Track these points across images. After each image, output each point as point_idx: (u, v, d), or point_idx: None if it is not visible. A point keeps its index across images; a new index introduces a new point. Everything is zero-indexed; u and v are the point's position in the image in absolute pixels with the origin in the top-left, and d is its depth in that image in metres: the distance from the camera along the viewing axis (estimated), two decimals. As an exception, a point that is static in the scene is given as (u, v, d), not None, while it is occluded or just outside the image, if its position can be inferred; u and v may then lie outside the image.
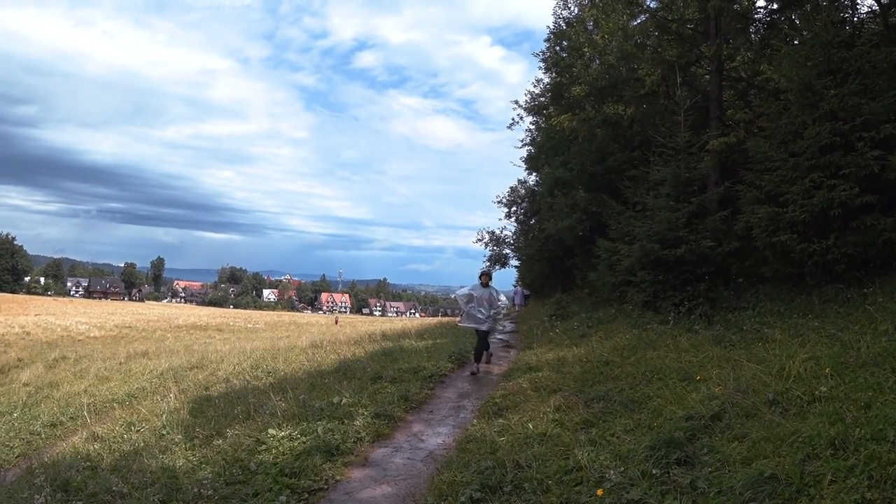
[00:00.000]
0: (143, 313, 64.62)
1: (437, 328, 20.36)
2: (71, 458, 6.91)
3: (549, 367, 9.61)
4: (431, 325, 23.98)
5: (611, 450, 5.09)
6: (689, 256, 11.71)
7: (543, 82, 23.85)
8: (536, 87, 24.70)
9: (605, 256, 15.15)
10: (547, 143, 23.80)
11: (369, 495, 5.16)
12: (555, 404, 6.98)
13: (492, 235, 32.73)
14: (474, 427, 6.81)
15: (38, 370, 18.55)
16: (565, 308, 19.29)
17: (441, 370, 10.28)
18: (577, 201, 19.41)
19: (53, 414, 10.35)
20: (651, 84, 15.79)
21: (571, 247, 21.62)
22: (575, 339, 12.44)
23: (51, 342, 33.62)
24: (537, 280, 33.02)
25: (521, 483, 4.76)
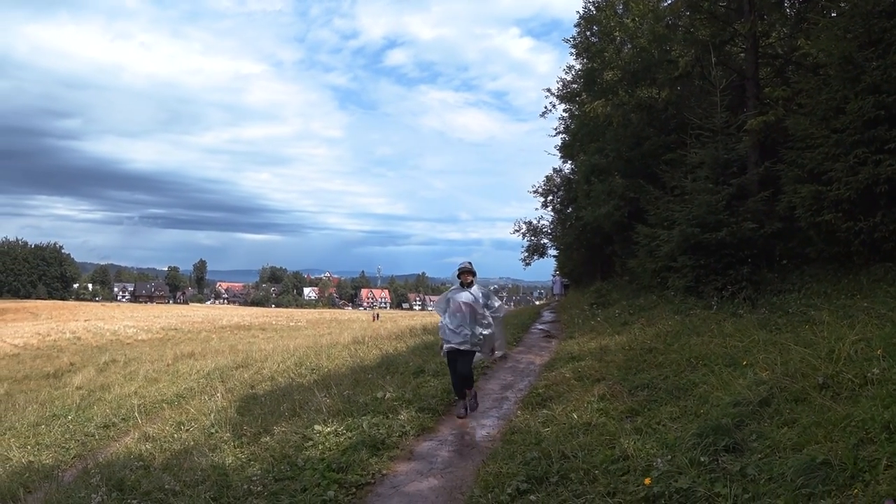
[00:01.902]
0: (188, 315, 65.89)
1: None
2: (124, 458, 7.09)
3: (592, 356, 9.56)
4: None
5: (657, 438, 5.05)
6: (730, 239, 11.52)
7: (575, 69, 23.61)
8: (568, 74, 24.47)
9: (644, 242, 14.97)
10: (581, 130, 23.55)
11: (416, 488, 5.20)
12: (599, 393, 6.95)
13: (529, 225, 32.55)
14: (518, 418, 6.82)
15: (89, 374, 19.04)
16: (606, 296, 19.14)
17: (483, 362, 10.28)
18: (614, 188, 19.21)
19: (106, 416, 10.60)
20: (685, 65, 15.52)
21: (610, 234, 21.43)
22: (616, 326, 12.34)
23: (100, 346, 34.51)
24: (576, 269, 32.80)
25: (567, 473, 4.75)
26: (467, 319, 7.47)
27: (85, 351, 31.79)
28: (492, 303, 7.74)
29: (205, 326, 47.22)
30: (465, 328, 7.45)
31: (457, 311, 7.53)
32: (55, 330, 47.58)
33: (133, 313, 75.79)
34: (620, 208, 19.00)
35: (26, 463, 8.20)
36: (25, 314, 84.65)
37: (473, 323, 7.50)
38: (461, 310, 7.50)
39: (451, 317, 7.61)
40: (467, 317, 7.47)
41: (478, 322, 7.53)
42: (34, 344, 38.86)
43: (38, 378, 21.49)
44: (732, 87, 14.23)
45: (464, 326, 7.46)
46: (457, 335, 7.47)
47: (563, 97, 25.08)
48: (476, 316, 7.52)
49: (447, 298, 7.75)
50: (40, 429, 10.72)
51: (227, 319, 55.49)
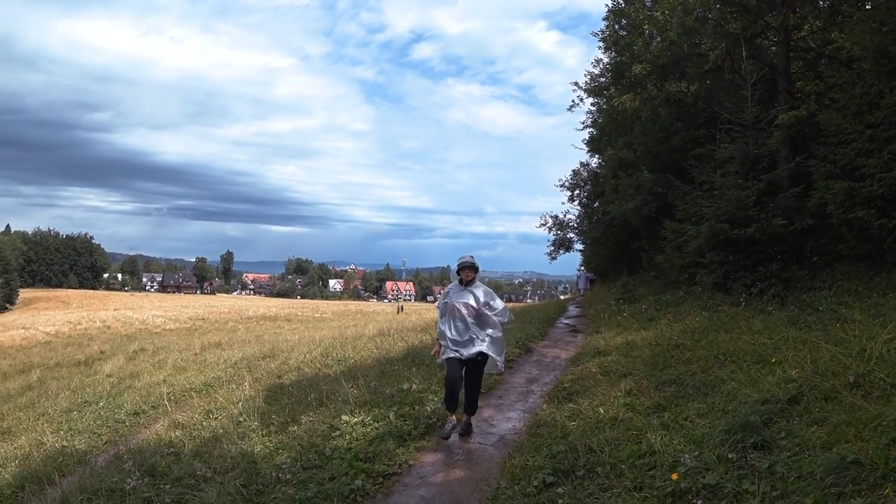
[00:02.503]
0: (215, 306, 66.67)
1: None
2: (155, 444, 7.21)
3: (618, 351, 9.53)
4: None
5: (684, 434, 5.04)
6: (760, 236, 11.40)
7: (603, 62, 23.42)
8: (596, 68, 24.27)
9: (672, 238, 14.85)
10: (609, 125, 23.39)
11: (442, 479, 5.26)
12: (625, 388, 6.93)
13: (555, 220, 32.32)
14: (544, 412, 6.83)
15: (119, 362, 19.35)
16: (632, 291, 19.05)
17: (509, 356, 10.29)
18: (642, 182, 19.07)
19: (136, 403, 10.75)
20: (715, 59, 15.33)
21: (637, 229, 21.28)
22: (643, 322, 12.27)
23: (130, 335, 35.04)
24: (602, 264, 32.65)
25: (593, 467, 4.77)
26: (470, 324, 6.51)
27: (115, 339, 32.31)
28: (494, 303, 6.69)
29: (231, 317, 47.72)
30: (469, 334, 6.50)
31: (456, 316, 6.55)
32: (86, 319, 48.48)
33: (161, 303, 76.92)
34: (648, 203, 18.86)
35: (60, 448, 8.37)
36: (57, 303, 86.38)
37: (478, 327, 6.56)
38: (462, 315, 6.53)
39: (450, 323, 6.59)
40: (469, 321, 6.52)
41: (485, 324, 6.60)
42: (66, 332, 39.62)
43: (70, 365, 21.89)
44: (763, 82, 14.04)
45: (468, 333, 6.51)
46: (461, 345, 6.48)
47: (590, 91, 24.88)
48: (481, 318, 6.58)
49: (444, 302, 6.75)
50: (73, 415, 10.92)
51: (253, 310, 56.02)
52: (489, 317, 6.59)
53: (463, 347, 6.48)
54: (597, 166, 29.71)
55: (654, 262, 18.15)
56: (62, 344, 31.81)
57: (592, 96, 25.30)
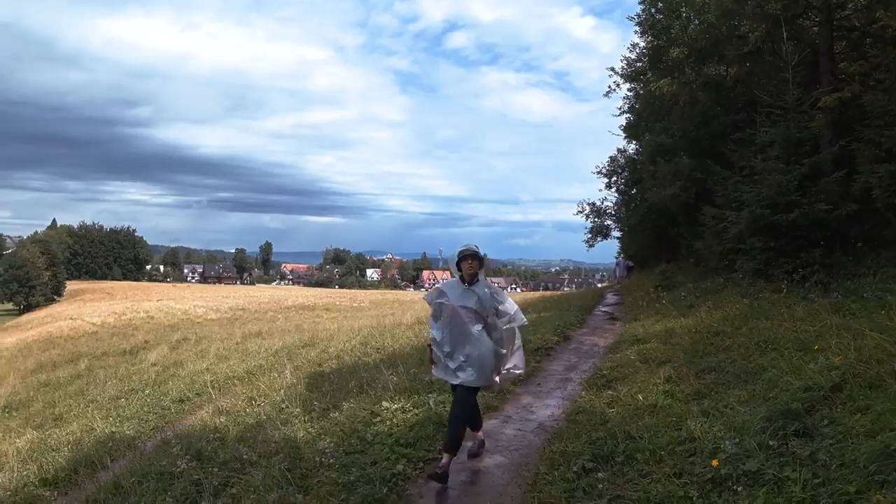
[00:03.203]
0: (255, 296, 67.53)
1: (539, 302, 20.39)
2: (200, 430, 7.40)
3: (657, 339, 9.48)
4: (534, 299, 24.00)
5: (724, 421, 5.03)
6: (802, 221, 11.20)
7: (639, 47, 23.09)
8: (632, 52, 23.94)
9: (711, 224, 14.66)
10: (646, 110, 23.11)
11: (482, 465, 5.33)
12: (664, 376, 6.92)
13: (592, 207, 31.99)
14: (583, 399, 6.86)
15: (163, 351, 19.72)
16: (671, 278, 18.87)
17: (547, 343, 10.34)
18: (681, 168, 18.81)
19: (180, 390, 10.95)
20: (754, 41, 15.04)
21: (675, 215, 21.01)
22: (682, 309, 12.16)
23: (172, 325, 35.69)
24: (640, 251, 32.31)
25: (632, 454, 4.79)
26: (473, 337, 5.10)
27: (158, 329, 32.94)
28: (505, 306, 5.33)
29: (271, 307, 48.30)
30: (468, 350, 5.11)
31: (454, 321, 5.17)
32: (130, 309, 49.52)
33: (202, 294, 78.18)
34: (687, 189, 18.60)
35: (109, 433, 8.60)
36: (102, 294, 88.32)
37: (480, 340, 5.13)
38: (461, 319, 5.13)
39: (445, 330, 5.25)
40: (473, 333, 5.10)
41: (490, 336, 5.22)
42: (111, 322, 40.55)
43: (116, 354, 22.37)
44: (805, 63, 13.72)
45: (467, 348, 5.11)
46: (455, 361, 5.17)
47: (627, 76, 24.57)
48: (487, 327, 5.22)
49: (439, 303, 5.30)
50: (120, 402, 11.19)
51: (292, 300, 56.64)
52: (495, 328, 5.28)
53: (458, 368, 5.16)
54: (634, 152, 29.33)
55: (693, 249, 17.92)
56: (108, 334, 32.57)
57: (629, 81, 25.00)
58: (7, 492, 6.64)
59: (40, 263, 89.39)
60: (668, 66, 18.65)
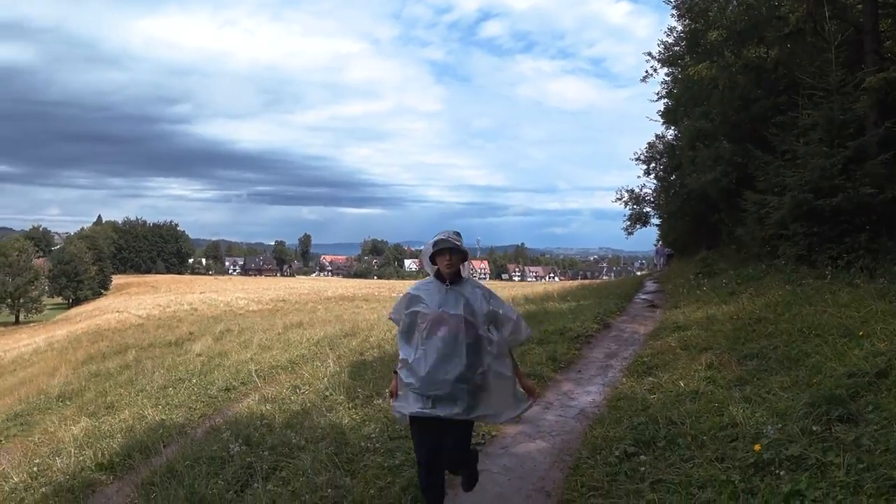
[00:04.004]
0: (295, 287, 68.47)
1: (578, 290, 20.33)
2: (248, 417, 7.59)
3: (698, 326, 9.43)
4: (573, 287, 23.92)
5: (767, 407, 5.02)
6: (846, 206, 10.98)
7: (677, 30, 22.73)
8: (669, 37, 23.59)
9: (752, 210, 14.43)
10: (685, 95, 22.77)
11: (525, 450, 5.41)
12: (706, 362, 6.90)
13: (631, 194, 31.65)
14: (624, 385, 6.89)
15: (207, 342, 20.11)
16: (711, 265, 18.64)
17: (587, 331, 10.35)
18: (721, 153, 18.53)
19: (226, 380, 11.17)
20: (795, 21, 14.71)
21: (716, 201, 20.72)
22: (723, 296, 12.04)
23: (215, 316, 36.33)
24: (680, 238, 31.91)
25: (674, 439, 4.82)
26: (462, 355, 3.86)
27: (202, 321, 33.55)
28: (506, 311, 4.13)
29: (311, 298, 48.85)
30: (455, 369, 3.85)
31: (438, 332, 3.91)
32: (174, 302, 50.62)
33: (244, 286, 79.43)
34: (727, 174, 18.33)
35: (159, 420, 8.86)
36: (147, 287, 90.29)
37: (475, 358, 3.91)
38: (447, 330, 3.90)
39: (425, 351, 3.94)
40: (462, 350, 3.86)
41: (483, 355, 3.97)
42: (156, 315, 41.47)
43: (162, 346, 22.85)
44: (849, 43, 13.40)
45: (454, 366, 3.85)
46: (434, 387, 3.87)
47: (664, 61, 24.22)
48: (478, 342, 3.95)
49: (413, 312, 4.09)
50: (168, 391, 11.47)
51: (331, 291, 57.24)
52: (490, 343, 3.99)
53: (442, 398, 3.87)
54: (673, 138, 28.94)
55: (734, 236, 17.67)
56: (153, 326, 33.32)
57: (666, 66, 24.62)
58: (66, 475, 6.93)
59: (87, 258, 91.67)
60: (707, 50, 18.36)
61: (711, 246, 24.33)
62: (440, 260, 4.02)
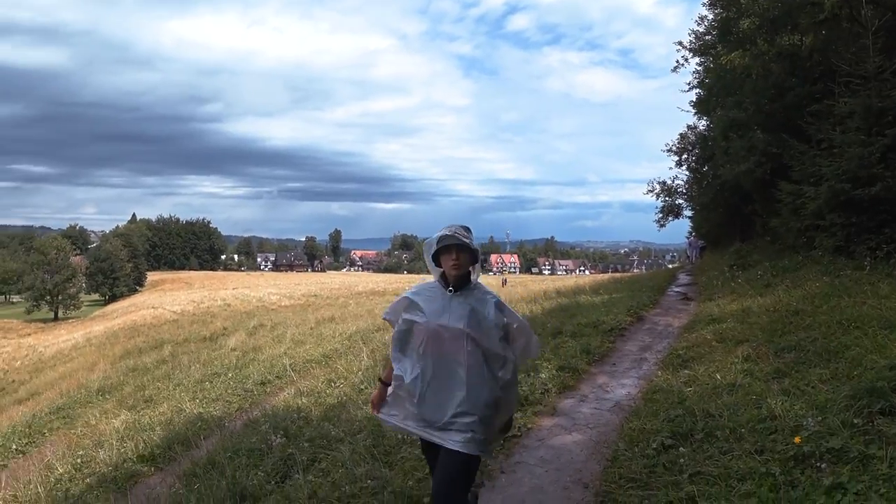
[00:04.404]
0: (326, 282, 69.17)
1: (610, 284, 20.21)
2: (284, 410, 7.71)
3: (734, 318, 9.33)
4: (604, 281, 23.80)
5: (806, 400, 4.96)
6: (885, 195, 10.77)
7: (708, 19, 22.45)
8: (700, 25, 23.30)
9: (788, 200, 14.23)
10: (717, 84, 22.44)
11: (561, 442, 5.42)
12: (742, 355, 6.84)
13: (663, 186, 31.31)
14: (659, 378, 6.85)
15: (241, 337, 20.40)
16: (745, 257, 18.43)
17: (620, 324, 10.31)
18: (755, 143, 18.26)
19: (261, 374, 11.32)
20: (831, 7, 14.40)
21: (749, 192, 20.45)
22: (759, 288, 11.90)
23: (248, 312, 36.84)
24: (713, 230, 31.53)
25: (712, 431, 4.79)
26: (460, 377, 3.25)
27: (235, 316, 34.04)
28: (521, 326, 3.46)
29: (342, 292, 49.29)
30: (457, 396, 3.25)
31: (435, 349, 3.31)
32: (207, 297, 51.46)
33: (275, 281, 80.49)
34: (761, 165, 18.06)
35: (197, 413, 9.05)
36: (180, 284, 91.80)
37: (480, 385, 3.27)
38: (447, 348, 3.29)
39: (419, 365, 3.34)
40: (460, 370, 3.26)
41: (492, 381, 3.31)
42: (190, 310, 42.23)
43: (197, 341, 23.25)
44: (886, 28, 13.10)
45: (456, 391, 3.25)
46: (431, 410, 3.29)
47: (695, 50, 23.94)
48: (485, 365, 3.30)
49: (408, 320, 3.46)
50: (205, 385, 11.68)
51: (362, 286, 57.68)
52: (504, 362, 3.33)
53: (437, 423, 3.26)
54: (705, 128, 28.60)
55: (769, 227, 17.43)
56: (188, 321, 33.88)
57: (698, 56, 24.34)
58: (109, 467, 7.13)
59: (123, 256, 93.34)
60: (739, 38, 18.11)
61: (745, 238, 24.04)
62: (445, 260, 3.41)
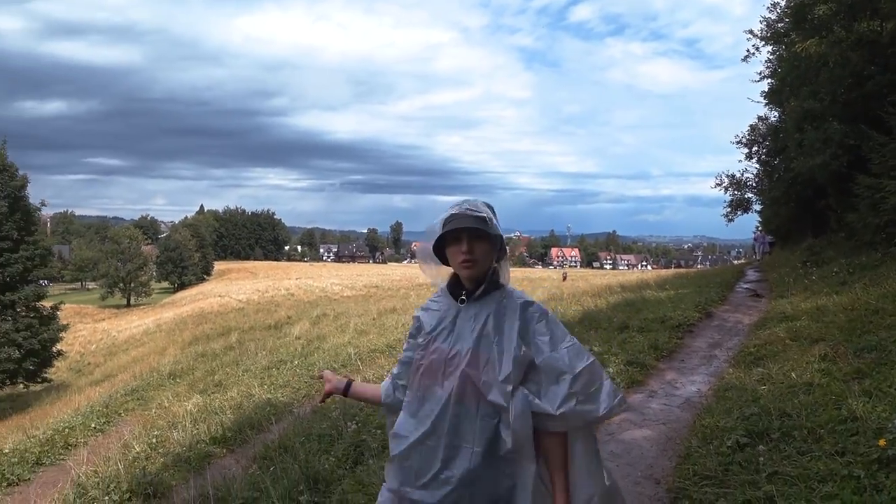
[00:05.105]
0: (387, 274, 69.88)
1: (675, 279, 19.84)
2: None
3: (808, 316, 9.00)
4: (668, 276, 23.37)
5: (889, 401, 4.76)
6: (974, 188, 10.27)
7: (780, 6, 21.72)
8: (772, 12, 22.56)
9: (866, 195, 13.65)
10: (790, 73, 21.66)
11: (630, 437, 5.35)
12: (819, 354, 6.59)
13: (731, 179, 30.35)
14: (731, 375, 6.68)
15: (305, 326, 20.75)
16: (819, 254, 17.79)
17: (688, 320, 10.11)
18: (831, 134, 17.57)
19: (326, 362, 11.44)
20: (915, -8, 13.78)
21: (824, 186, 19.72)
22: (834, 286, 11.45)
23: (311, 301, 37.52)
24: (783, 225, 30.50)
25: (789, 431, 4.64)
26: (471, 431, 1.97)
27: (298, 305, 34.71)
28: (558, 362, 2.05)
29: (403, 284, 49.68)
30: (458, 465, 1.95)
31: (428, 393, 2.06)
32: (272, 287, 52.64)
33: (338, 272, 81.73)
34: (837, 157, 17.38)
35: (266, 399, 9.26)
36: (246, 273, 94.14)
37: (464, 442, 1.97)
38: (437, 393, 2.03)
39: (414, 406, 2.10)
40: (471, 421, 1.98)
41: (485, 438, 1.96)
42: (255, 299, 43.25)
43: (262, 329, 23.78)
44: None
45: (451, 456, 1.96)
46: (421, 486, 1.99)
47: (767, 38, 23.19)
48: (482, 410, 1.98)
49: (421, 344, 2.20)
50: (272, 371, 11.92)
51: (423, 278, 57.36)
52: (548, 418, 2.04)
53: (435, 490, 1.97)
54: (777, 120, 27.68)
55: (845, 222, 16.76)
56: (253, 310, 34.70)
57: (769, 44, 23.59)
58: (183, 447, 7.36)
59: (191, 246, 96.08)
60: (815, 25, 17.42)
61: (818, 233, 23.22)
62: (453, 252, 2.13)
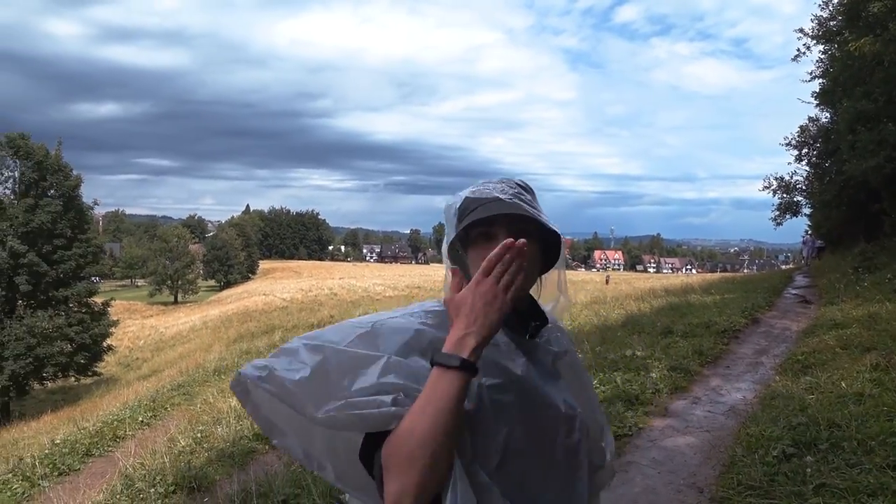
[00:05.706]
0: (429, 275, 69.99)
1: (721, 283, 19.49)
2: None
3: (859, 324, 8.77)
4: (714, 280, 22.97)
5: (945, 414, 4.64)
6: None
7: (833, 3, 21.20)
8: (824, 10, 22.02)
9: (922, 198, 13.28)
10: (843, 73, 21.12)
11: (673, 444, 5.29)
12: (870, 363, 6.42)
13: (780, 182, 29.59)
14: (777, 383, 6.55)
15: (347, 325, 20.98)
16: (872, 259, 17.28)
17: (734, 325, 9.95)
18: (886, 136, 17.08)
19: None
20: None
21: (877, 190, 19.19)
22: (888, 293, 11.12)
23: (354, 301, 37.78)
24: (834, 229, 29.70)
25: (837, 442, 4.54)
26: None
27: (341, 305, 35.00)
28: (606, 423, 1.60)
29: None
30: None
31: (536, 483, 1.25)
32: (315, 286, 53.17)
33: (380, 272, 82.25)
34: (892, 160, 16.89)
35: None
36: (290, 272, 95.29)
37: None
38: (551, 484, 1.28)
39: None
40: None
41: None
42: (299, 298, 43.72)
43: (305, 327, 23.96)
44: None
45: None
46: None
47: (818, 37, 22.65)
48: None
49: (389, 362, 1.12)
50: (316, 372, 12.10)
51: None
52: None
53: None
54: (828, 121, 26.97)
55: (900, 227, 16.33)
56: (297, 308, 35.11)
57: (821, 43, 23.03)
58: (227, 442, 7.52)
59: (237, 245, 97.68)
60: (869, 23, 16.97)
61: (870, 238, 22.58)
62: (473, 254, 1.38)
